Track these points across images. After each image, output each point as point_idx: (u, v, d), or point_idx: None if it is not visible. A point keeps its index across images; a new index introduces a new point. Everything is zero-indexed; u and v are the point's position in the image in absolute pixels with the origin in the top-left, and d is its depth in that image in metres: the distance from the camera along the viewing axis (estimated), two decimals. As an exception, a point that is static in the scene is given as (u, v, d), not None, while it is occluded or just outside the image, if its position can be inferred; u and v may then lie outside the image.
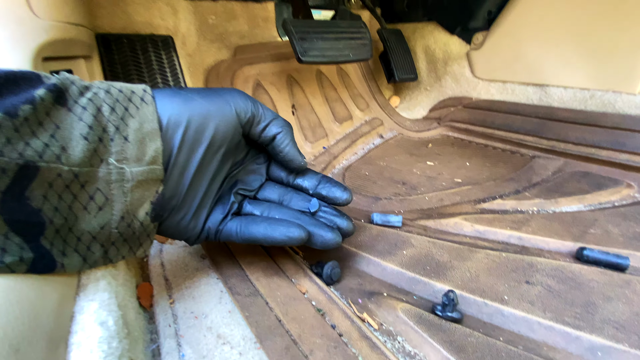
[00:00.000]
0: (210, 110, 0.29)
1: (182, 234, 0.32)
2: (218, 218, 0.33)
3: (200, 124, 0.28)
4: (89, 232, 0.22)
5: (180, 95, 0.28)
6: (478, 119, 0.89)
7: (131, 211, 0.25)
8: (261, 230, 0.32)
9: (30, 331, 0.17)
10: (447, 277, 0.38)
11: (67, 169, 0.20)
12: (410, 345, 0.30)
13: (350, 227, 0.36)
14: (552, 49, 0.79)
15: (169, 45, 0.63)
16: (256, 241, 0.32)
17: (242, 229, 0.32)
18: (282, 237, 0.31)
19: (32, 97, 0.19)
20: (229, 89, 0.31)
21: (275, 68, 0.88)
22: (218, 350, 0.28)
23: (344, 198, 0.36)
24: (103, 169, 0.23)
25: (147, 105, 0.25)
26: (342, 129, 0.91)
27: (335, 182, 0.37)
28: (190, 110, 0.28)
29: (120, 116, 0.24)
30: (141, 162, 0.24)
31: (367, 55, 0.80)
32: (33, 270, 0.19)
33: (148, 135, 0.25)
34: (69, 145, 0.21)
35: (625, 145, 0.66)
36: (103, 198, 0.23)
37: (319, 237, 0.33)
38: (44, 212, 0.19)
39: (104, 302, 0.23)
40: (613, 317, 0.32)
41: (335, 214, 0.36)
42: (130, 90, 0.25)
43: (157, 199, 0.26)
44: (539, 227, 0.48)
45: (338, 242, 0.33)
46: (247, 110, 0.31)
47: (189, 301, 0.34)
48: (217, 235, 0.33)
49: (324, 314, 0.32)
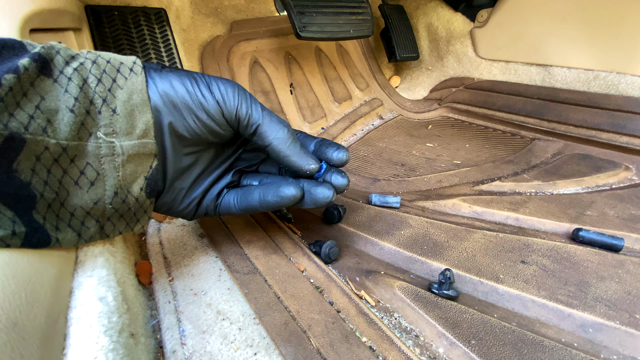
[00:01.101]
0: (192, 100, 0.26)
1: (176, 213, 0.31)
2: (214, 194, 0.32)
3: (181, 110, 0.26)
4: (81, 207, 0.22)
5: (167, 77, 0.26)
6: (479, 100, 0.88)
7: (124, 186, 0.24)
8: (255, 197, 0.31)
9: (28, 305, 0.17)
10: (443, 257, 0.38)
11: (55, 142, 0.20)
12: (406, 321, 0.30)
13: (340, 181, 0.31)
14: (557, 27, 0.77)
15: (162, 19, 0.61)
16: (254, 209, 0.31)
17: (239, 199, 0.32)
18: (275, 199, 0.30)
19: (16, 67, 0.18)
20: (219, 79, 0.28)
21: (273, 44, 0.85)
22: (218, 326, 0.29)
23: (337, 157, 0.32)
24: (92, 142, 0.22)
25: (136, 75, 0.24)
26: (341, 109, 0.89)
27: (329, 143, 0.33)
28: (172, 94, 0.26)
29: (107, 88, 0.23)
30: (131, 135, 0.24)
31: (368, 32, 0.78)
32: (27, 244, 0.19)
33: (137, 107, 0.24)
34: (55, 118, 0.20)
35: (626, 127, 0.66)
36: (94, 173, 0.22)
37: (308, 193, 0.30)
38: (34, 185, 0.19)
39: (103, 278, 0.23)
40: (605, 295, 0.33)
41: (328, 170, 0.33)
42: (119, 61, 0.24)
43: (152, 175, 0.26)
44: (536, 209, 0.48)
45: (329, 197, 0.30)
46: (231, 108, 0.27)
47: (188, 279, 0.34)
48: (217, 210, 0.33)
49: (322, 291, 0.32)
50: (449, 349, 0.28)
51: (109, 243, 0.27)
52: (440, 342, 0.28)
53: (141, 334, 0.26)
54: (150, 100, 0.25)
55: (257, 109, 0.28)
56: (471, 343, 0.28)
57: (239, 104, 0.27)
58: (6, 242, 0.18)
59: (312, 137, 0.35)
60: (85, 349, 0.19)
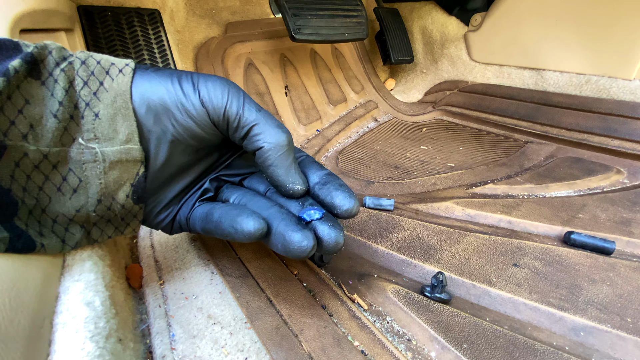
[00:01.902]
0: (171, 100, 0.23)
1: (153, 226, 0.29)
2: (190, 207, 0.28)
3: (158, 113, 0.23)
4: (63, 214, 0.21)
5: (146, 76, 0.24)
6: (473, 103, 0.88)
7: (108, 194, 0.23)
8: (214, 219, 0.25)
9: (11, 311, 0.17)
10: (436, 260, 0.38)
11: (35, 149, 0.19)
12: (398, 325, 0.30)
13: (332, 237, 0.23)
14: (550, 32, 0.78)
15: (156, 20, 0.60)
16: (212, 233, 0.26)
17: (203, 216, 0.27)
18: (229, 229, 0.24)
19: (6, 69, 0.18)
20: (207, 76, 0.25)
21: (268, 46, 0.85)
22: (209, 330, 0.28)
23: (345, 208, 0.25)
24: (74, 148, 0.21)
25: (123, 76, 0.22)
26: (336, 112, 0.89)
27: (339, 185, 0.26)
28: (148, 95, 0.23)
29: (93, 91, 0.21)
30: (114, 141, 0.22)
31: (363, 35, 0.78)
32: (12, 249, 0.19)
33: (120, 110, 0.22)
34: (38, 123, 0.19)
35: (617, 131, 0.67)
36: (76, 180, 0.21)
37: (280, 236, 0.23)
38: (14, 192, 0.18)
39: (90, 283, 0.23)
40: (597, 298, 0.33)
41: (323, 219, 0.25)
42: (110, 62, 0.23)
43: (138, 181, 0.24)
44: (529, 212, 0.49)
45: (306, 249, 0.22)
46: (219, 108, 0.24)
47: (179, 282, 0.34)
48: (188, 224, 0.28)
49: (315, 294, 0.32)
50: (441, 353, 0.28)
51: (97, 247, 0.27)
52: (432, 346, 0.28)
53: (130, 339, 0.26)
54: (132, 103, 0.23)
55: (251, 109, 0.24)
56: (463, 347, 0.28)
57: (228, 103, 0.24)
58: (-11, 247, 0.17)
59: (320, 166, 0.28)
60: (71, 355, 0.18)
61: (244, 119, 0.24)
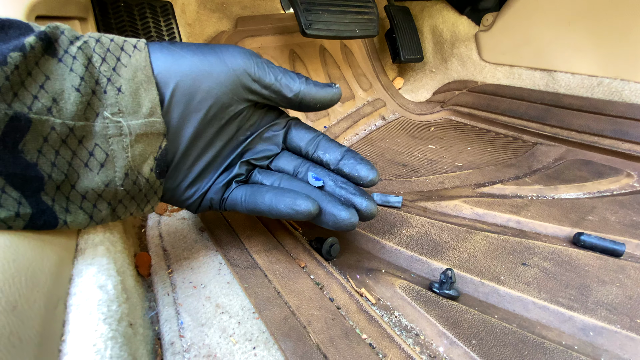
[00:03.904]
0: (203, 72, 0.25)
1: (179, 202, 0.30)
2: (221, 187, 0.31)
3: (190, 86, 0.25)
4: (93, 189, 0.22)
5: (170, 51, 0.25)
6: (482, 104, 0.88)
7: (135, 167, 0.24)
8: (266, 201, 0.29)
9: (27, 290, 0.17)
10: (445, 257, 0.38)
11: (60, 122, 0.19)
12: (406, 320, 0.30)
13: (370, 208, 0.30)
14: (563, 33, 0.77)
15: (168, 12, 0.61)
16: (261, 213, 0.30)
17: (247, 198, 0.30)
18: (288, 210, 0.28)
19: (22, 45, 0.18)
20: (229, 46, 0.27)
21: (278, 42, 0.85)
22: (217, 319, 0.29)
23: (370, 178, 0.31)
24: (99, 122, 0.21)
25: (139, 52, 0.23)
26: (344, 109, 0.89)
27: (360, 159, 0.32)
28: (180, 70, 0.25)
29: (112, 66, 0.22)
30: (138, 114, 0.23)
31: (373, 32, 0.78)
32: (32, 226, 0.19)
33: (142, 84, 0.23)
34: (60, 98, 0.19)
35: (629, 134, 0.66)
36: (103, 154, 0.22)
37: (331, 215, 0.28)
38: (40, 166, 0.19)
39: (103, 267, 0.23)
40: (606, 299, 0.33)
41: (353, 192, 0.31)
42: (122, 39, 0.23)
43: (161, 155, 0.25)
44: (538, 212, 0.48)
45: (353, 223, 0.28)
46: (250, 70, 0.27)
47: (188, 271, 0.34)
48: (223, 205, 0.31)
49: (323, 287, 0.32)
50: (450, 348, 0.27)
51: (109, 232, 0.27)
52: (441, 341, 0.28)
53: (139, 325, 0.26)
54: (155, 76, 0.24)
55: (272, 65, 0.29)
56: (472, 343, 0.27)
57: (253, 65, 0.27)
58: (8, 224, 0.18)
59: (338, 144, 0.33)
60: (85, 335, 0.18)
61: (269, 74, 0.28)
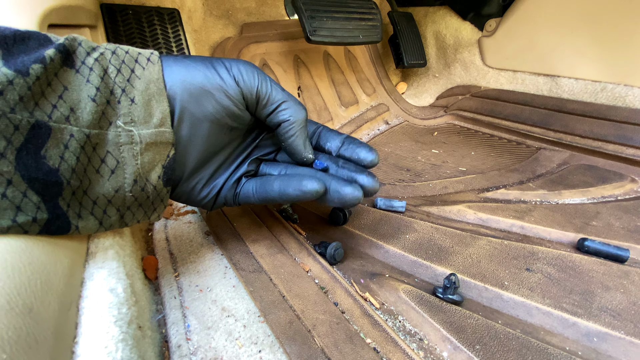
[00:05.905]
0: (214, 84, 0.26)
1: (196, 202, 0.31)
2: (232, 184, 0.32)
3: (200, 98, 0.26)
4: (103, 195, 0.23)
5: (183, 64, 0.26)
6: (485, 109, 0.88)
7: (143, 174, 0.25)
8: (275, 188, 0.30)
9: (42, 292, 0.17)
10: (448, 262, 0.38)
11: (77, 129, 0.20)
12: (410, 324, 0.30)
13: (372, 183, 0.31)
14: (566, 38, 0.77)
15: (175, 19, 0.62)
16: (272, 200, 0.31)
17: (257, 189, 0.31)
18: (296, 192, 0.29)
19: (42, 57, 0.19)
20: (237, 61, 0.28)
21: (283, 48, 0.86)
22: (223, 322, 0.29)
23: (369, 159, 0.32)
24: (112, 131, 0.22)
25: (153, 65, 0.24)
26: (347, 114, 0.90)
27: (359, 143, 0.33)
28: (191, 82, 0.26)
29: (126, 78, 0.23)
30: (149, 124, 0.24)
31: (377, 38, 0.79)
32: (46, 231, 0.19)
33: (154, 96, 0.24)
34: (77, 107, 0.20)
35: (632, 140, 0.66)
36: (114, 161, 0.23)
37: (335, 192, 0.29)
38: (61, 172, 0.19)
39: (113, 270, 0.24)
40: (610, 305, 0.33)
41: (355, 170, 0.32)
42: (137, 52, 0.24)
43: (169, 163, 0.26)
44: (542, 218, 0.48)
45: (358, 197, 0.29)
46: (252, 87, 0.28)
47: (194, 275, 0.35)
48: (236, 200, 0.33)
49: (327, 291, 0.33)
50: (453, 353, 0.28)
51: (118, 236, 0.27)
52: (445, 346, 0.28)
53: (148, 327, 0.26)
54: (166, 89, 0.25)
55: (278, 89, 0.29)
56: (475, 348, 0.28)
57: (259, 83, 0.28)
58: (25, 229, 0.18)
59: (337, 132, 0.34)
60: (96, 338, 0.19)
61: (272, 96, 0.29)
